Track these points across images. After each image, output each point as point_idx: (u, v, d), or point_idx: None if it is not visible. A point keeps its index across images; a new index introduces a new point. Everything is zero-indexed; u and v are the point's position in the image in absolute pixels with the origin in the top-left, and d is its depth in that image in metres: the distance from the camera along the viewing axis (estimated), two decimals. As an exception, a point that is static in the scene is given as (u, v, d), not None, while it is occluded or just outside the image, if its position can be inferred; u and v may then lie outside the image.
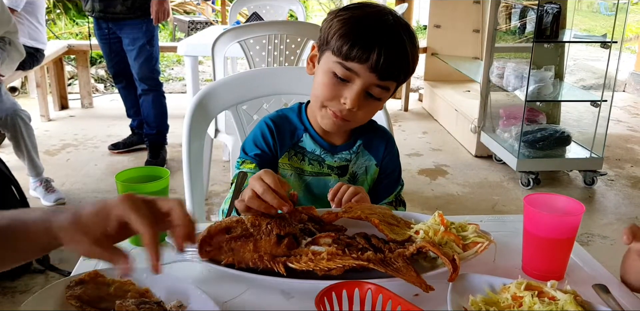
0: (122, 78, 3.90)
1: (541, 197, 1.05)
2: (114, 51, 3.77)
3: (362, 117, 1.24)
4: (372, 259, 0.93)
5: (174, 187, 1.23)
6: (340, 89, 1.18)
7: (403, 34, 1.16)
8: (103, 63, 6.49)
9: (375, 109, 1.25)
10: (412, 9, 5.77)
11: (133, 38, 3.63)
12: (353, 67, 1.15)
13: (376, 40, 1.14)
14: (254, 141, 1.34)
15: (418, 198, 3.43)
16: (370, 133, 1.38)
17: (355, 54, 1.14)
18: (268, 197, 1.00)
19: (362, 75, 1.15)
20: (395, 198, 1.40)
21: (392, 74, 1.16)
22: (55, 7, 8.01)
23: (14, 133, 3.09)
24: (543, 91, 3.55)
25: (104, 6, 3.55)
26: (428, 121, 5.06)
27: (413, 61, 1.20)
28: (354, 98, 1.16)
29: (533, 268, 1.03)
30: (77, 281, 0.91)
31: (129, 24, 3.61)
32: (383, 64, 1.13)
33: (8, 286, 2.39)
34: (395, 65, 1.16)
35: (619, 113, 5.35)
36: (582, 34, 3.90)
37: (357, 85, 1.16)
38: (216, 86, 1.60)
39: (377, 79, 1.16)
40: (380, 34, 1.15)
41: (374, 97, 1.19)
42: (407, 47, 1.16)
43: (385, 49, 1.13)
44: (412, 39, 1.18)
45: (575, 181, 3.76)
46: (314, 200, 1.34)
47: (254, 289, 0.96)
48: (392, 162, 1.40)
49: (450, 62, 4.97)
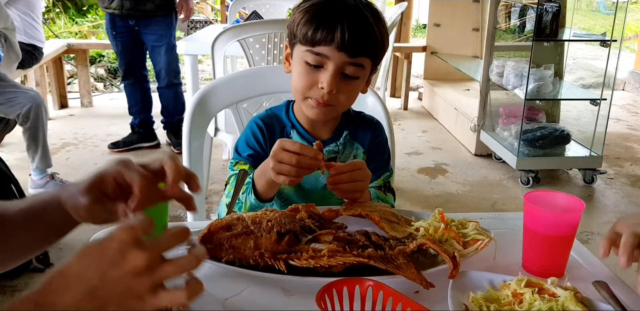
0: (131, 76, 3.98)
1: (541, 195, 1.05)
2: (129, 48, 3.87)
3: (345, 99, 1.24)
4: (372, 256, 0.94)
5: (174, 185, 1.23)
6: (315, 76, 1.19)
7: (365, 10, 1.17)
8: (103, 62, 6.50)
9: (355, 89, 1.25)
10: (411, 7, 5.77)
11: (160, 34, 3.80)
12: (321, 50, 1.16)
13: (338, 19, 1.14)
14: (246, 141, 1.35)
15: (418, 196, 3.43)
16: (356, 123, 1.38)
17: (320, 37, 1.15)
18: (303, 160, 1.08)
19: (331, 56, 1.16)
20: (383, 183, 1.38)
21: (360, 49, 1.17)
22: (55, 6, 8.01)
23: (35, 123, 3.13)
24: (543, 90, 3.55)
25: (134, 4, 3.68)
26: (428, 120, 5.06)
27: (381, 36, 1.20)
28: (329, 80, 1.17)
29: (533, 265, 1.03)
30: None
31: (157, 21, 3.78)
32: (349, 41, 1.14)
33: (8, 285, 2.39)
34: (362, 41, 1.16)
35: (619, 111, 5.35)
36: (581, 32, 3.89)
37: (330, 67, 1.17)
38: (216, 85, 1.60)
39: (347, 57, 1.16)
40: (341, 13, 1.16)
41: (350, 76, 1.20)
42: (371, 22, 1.17)
43: (348, 26, 1.14)
44: (375, 15, 1.19)
45: (575, 179, 3.76)
46: (304, 195, 1.34)
47: (255, 286, 0.96)
48: (380, 146, 1.40)
49: (450, 60, 4.97)
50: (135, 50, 3.91)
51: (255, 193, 1.23)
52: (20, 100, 3.07)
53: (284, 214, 1.05)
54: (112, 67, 6.38)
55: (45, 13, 7.63)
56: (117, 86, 6.00)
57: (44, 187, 3.25)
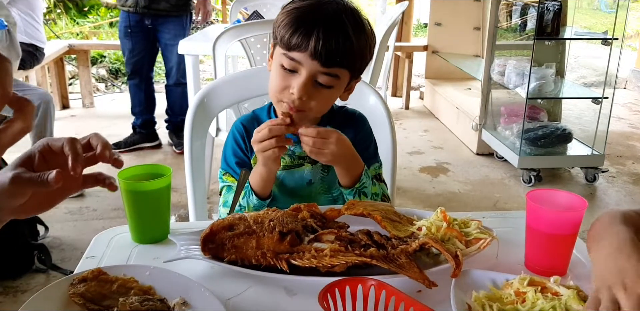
0: (137, 75, 4.00)
1: (543, 193, 1.05)
2: (141, 47, 3.90)
3: (317, 107, 1.21)
4: (374, 256, 0.94)
5: (175, 185, 1.23)
6: (289, 80, 1.17)
7: (346, 19, 1.14)
8: (104, 62, 6.51)
9: (329, 97, 1.22)
10: (412, 7, 5.76)
11: (175, 34, 3.83)
12: (295, 56, 1.14)
13: (315, 27, 1.12)
14: (232, 149, 1.36)
15: (419, 196, 3.43)
16: (339, 118, 1.37)
17: (296, 43, 1.13)
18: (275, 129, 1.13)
19: (305, 63, 1.14)
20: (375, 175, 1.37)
21: (334, 60, 1.14)
22: (56, 7, 8.01)
23: (43, 120, 3.15)
24: (544, 88, 3.55)
25: (149, 2, 3.73)
26: (429, 119, 5.05)
27: (360, 47, 1.16)
28: (300, 87, 1.15)
29: (536, 264, 1.03)
30: (80, 279, 0.91)
31: (172, 20, 3.84)
32: (322, 50, 1.11)
33: (10, 286, 2.39)
34: (337, 51, 1.13)
35: (620, 110, 5.35)
36: (582, 31, 3.89)
37: (302, 74, 1.15)
38: (217, 84, 1.60)
39: (320, 66, 1.14)
40: (319, 20, 1.13)
41: (323, 85, 1.17)
42: (350, 32, 1.13)
43: (325, 35, 1.11)
44: (357, 24, 1.16)
45: (577, 178, 3.75)
46: (289, 194, 1.34)
47: (257, 286, 0.96)
48: (364, 138, 1.38)
49: (451, 59, 4.96)
50: (147, 50, 3.94)
51: (255, 193, 1.26)
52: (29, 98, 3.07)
53: (286, 214, 1.05)
54: (113, 67, 6.39)
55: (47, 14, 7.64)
56: (119, 86, 6.00)
57: None
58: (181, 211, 3.04)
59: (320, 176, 1.33)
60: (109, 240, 1.13)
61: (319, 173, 1.33)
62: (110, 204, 3.19)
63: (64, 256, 2.63)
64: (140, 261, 1.05)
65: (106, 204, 3.19)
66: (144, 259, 1.05)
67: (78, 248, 2.70)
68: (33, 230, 2.64)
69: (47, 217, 2.95)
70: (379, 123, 1.57)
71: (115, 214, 3.07)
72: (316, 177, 1.33)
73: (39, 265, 2.50)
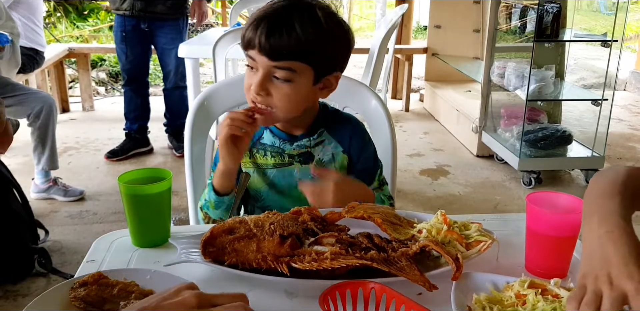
0: (134, 82, 3.96)
1: (544, 195, 1.05)
2: (137, 52, 3.86)
3: (280, 103, 1.21)
4: (375, 258, 0.94)
5: (175, 188, 1.23)
6: (251, 78, 1.20)
7: (295, 13, 1.15)
8: (104, 66, 6.51)
9: (291, 92, 1.20)
10: (412, 9, 5.77)
11: (172, 37, 3.81)
12: (250, 53, 1.18)
13: (260, 23, 1.15)
14: None
15: (420, 198, 3.43)
16: (332, 121, 1.37)
17: (247, 40, 1.17)
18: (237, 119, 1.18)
19: (257, 60, 1.17)
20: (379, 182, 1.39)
21: (281, 53, 1.15)
22: (56, 11, 8.03)
23: (46, 122, 3.15)
24: (544, 90, 3.55)
25: (145, 5, 3.69)
26: (429, 121, 5.06)
27: (311, 39, 1.16)
28: (256, 83, 1.18)
29: (536, 266, 1.03)
30: (81, 283, 0.91)
31: (169, 24, 3.81)
32: (266, 45, 1.14)
33: (10, 290, 2.39)
34: (282, 45, 1.14)
35: (620, 112, 5.35)
36: (582, 33, 3.89)
37: (259, 71, 1.18)
38: (217, 88, 1.61)
39: (270, 60, 1.16)
40: (267, 17, 1.16)
41: (281, 80, 1.18)
42: (297, 25, 1.14)
43: (268, 30, 1.14)
44: (310, 17, 1.16)
45: (577, 180, 3.75)
46: (278, 192, 1.35)
47: (258, 289, 0.96)
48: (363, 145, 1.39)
49: (451, 62, 4.96)
50: (143, 54, 3.90)
51: (213, 188, 1.28)
52: (31, 101, 3.09)
53: (286, 217, 1.06)
54: (113, 71, 6.39)
55: (47, 17, 7.65)
56: (119, 90, 6.01)
57: (46, 191, 3.25)
58: (181, 214, 3.04)
59: (311, 176, 1.32)
60: (109, 243, 1.13)
61: (309, 173, 1.33)
62: (110, 208, 3.19)
63: (64, 260, 2.63)
64: (141, 265, 1.05)
65: (106, 208, 3.19)
66: (145, 263, 1.05)
67: (78, 251, 2.70)
68: (33, 233, 2.64)
69: (47, 220, 2.96)
70: (379, 126, 1.58)
71: (116, 218, 3.07)
72: (306, 177, 1.33)
73: (40, 269, 2.50)
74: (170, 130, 4.14)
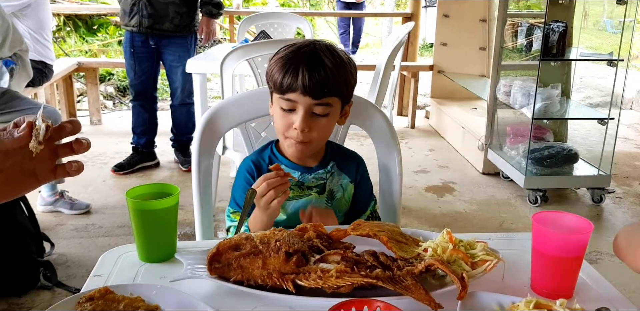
0: (142, 97, 4.00)
1: (549, 215, 1.05)
2: (145, 67, 3.90)
3: (319, 136, 1.35)
4: (380, 277, 0.94)
5: (182, 203, 1.24)
6: (290, 118, 1.32)
7: (323, 55, 1.29)
8: (112, 80, 6.57)
9: (327, 125, 1.35)
10: (418, 27, 5.82)
11: (179, 55, 3.85)
12: (290, 97, 1.29)
13: (299, 68, 1.27)
14: (242, 189, 1.43)
15: (425, 215, 3.42)
16: (341, 156, 1.49)
17: (287, 86, 1.28)
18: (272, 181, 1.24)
19: (299, 101, 1.29)
20: (371, 213, 1.50)
21: (322, 91, 1.28)
22: (65, 25, 8.11)
23: None
24: (550, 109, 3.55)
25: (153, 22, 3.73)
26: (435, 138, 5.06)
27: (341, 75, 1.30)
28: (300, 121, 1.30)
29: (542, 286, 1.02)
30: (88, 298, 0.92)
31: (176, 41, 3.85)
32: (309, 85, 1.26)
33: (15, 303, 2.39)
34: (322, 84, 1.27)
35: (626, 131, 5.35)
36: (588, 51, 3.91)
37: (300, 111, 1.30)
38: (225, 104, 1.62)
39: (312, 99, 1.28)
40: (301, 62, 1.28)
41: (320, 115, 1.32)
42: (329, 65, 1.28)
43: (309, 72, 1.26)
44: (334, 57, 1.31)
45: (583, 199, 3.74)
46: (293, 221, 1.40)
47: (263, 306, 0.96)
48: (365, 179, 1.51)
49: (457, 79, 4.99)
50: (151, 70, 3.93)
51: None
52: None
53: (292, 234, 1.06)
54: (121, 85, 6.44)
55: (56, 31, 7.74)
56: (126, 104, 6.04)
57: (53, 204, 3.27)
58: (187, 229, 3.04)
59: (325, 205, 1.42)
60: (116, 258, 1.13)
61: (324, 202, 1.42)
62: (116, 221, 3.19)
63: (69, 273, 2.63)
64: (147, 280, 1.05)
65: (112, 221, 3.20)
66: (151, 278, 1.06)
67: (84, 265, 2.70)
68: (39, 246, 2.64)
69: (53, 233, 2.96)
70: (385, 143, 1.58)
71: (121, 231, 3.07)
72: (321, 206, 1.41)
73: (45, 282, 2.50)
74: (177, 144, 4.17)
